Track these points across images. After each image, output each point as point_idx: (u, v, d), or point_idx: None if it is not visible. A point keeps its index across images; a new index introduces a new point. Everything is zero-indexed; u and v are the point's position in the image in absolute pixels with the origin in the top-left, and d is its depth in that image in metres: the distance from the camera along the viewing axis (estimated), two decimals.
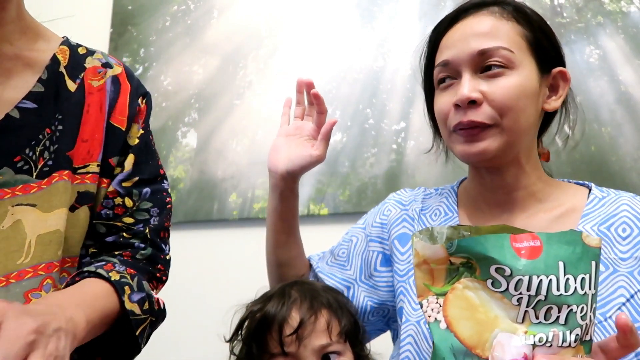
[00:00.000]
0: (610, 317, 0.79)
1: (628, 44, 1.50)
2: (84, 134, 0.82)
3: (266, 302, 0.89)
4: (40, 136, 0.79)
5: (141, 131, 0.89)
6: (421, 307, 0.58)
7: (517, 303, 0.54)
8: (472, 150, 0.86)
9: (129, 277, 0.77)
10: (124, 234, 0.84)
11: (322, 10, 1.86)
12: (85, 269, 0.76)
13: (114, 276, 0.75)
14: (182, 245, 1.91)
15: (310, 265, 1.10)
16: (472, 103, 0.84)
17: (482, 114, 0.84)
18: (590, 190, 0.92)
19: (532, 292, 0.53)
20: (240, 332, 0.91)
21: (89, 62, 0.88)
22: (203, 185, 1.90)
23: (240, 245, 1.83)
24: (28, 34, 0.83)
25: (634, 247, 0.83)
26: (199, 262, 1.88)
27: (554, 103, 0.91)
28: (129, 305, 0.74)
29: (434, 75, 0.92)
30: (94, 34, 2.16)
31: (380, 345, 1.02)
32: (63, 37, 0.89)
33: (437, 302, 0.56)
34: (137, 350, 0.78)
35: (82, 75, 0.86)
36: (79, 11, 2.14)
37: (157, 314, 0.80)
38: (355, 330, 0.90)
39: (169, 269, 0.89)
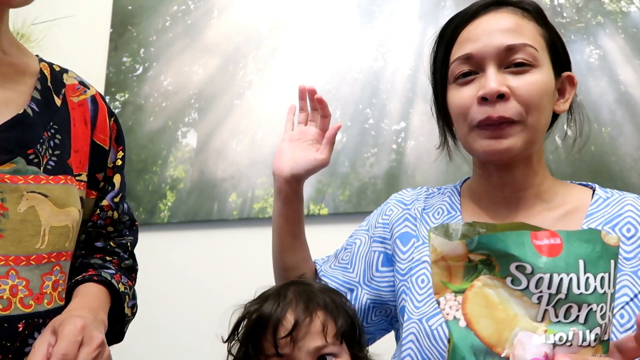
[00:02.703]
0: (614, 315, 0.79)
1: (628, 44, 1.50)
2: (75, 145, 0.92)
3: (262, 303, 0.88)
4: (44, 136, 0.87)
5: (122, 152, 1.02)
6: (438, 304, 0.57)
7: (537, 301, 0.53)
8: (498, 147, 0.85)
9: (128, 288, 0.97)
10: (111, 242, 0.99)
11: (322, 10, 1.86)
12: (103, 274, 0.92)
13: (121, 287, 0.94)
14: (182, 245, 1.92)
15: (316, 269, 1.10)
16: (500, 97, 0.84)
17: (510, 110, 0.83)
18: (594, 191, 0.92)
19: (553, 291, 0.52)
20: (237, 332, 0.91)
21: (67, 79, 0.96)
22: (203, 185, 1.90)
23: (240, 245, 1.83)
24: (12, 46, 0.90)
25: (638, 247, 0.83)
26: (199, 262, 1.87)
27: (562, 106, 0.92)
28: (126, 310, 0.95)
29: (450, 70, 0.91)
30: (94, 34, 2.15)
31: (380, 346, 1.02)
32: (36, 55, 0.96)
33: (455, 300, 0.56)
34: (120, 340, 0.98)
35: (63, 91, 0.94)
36: (79, 11, 2.13)
37: (135, 314, 1.01)
38: (353, 331, 0.89)
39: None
